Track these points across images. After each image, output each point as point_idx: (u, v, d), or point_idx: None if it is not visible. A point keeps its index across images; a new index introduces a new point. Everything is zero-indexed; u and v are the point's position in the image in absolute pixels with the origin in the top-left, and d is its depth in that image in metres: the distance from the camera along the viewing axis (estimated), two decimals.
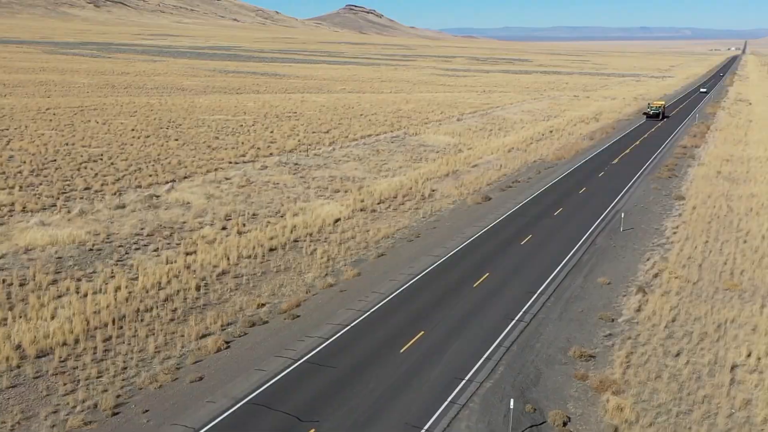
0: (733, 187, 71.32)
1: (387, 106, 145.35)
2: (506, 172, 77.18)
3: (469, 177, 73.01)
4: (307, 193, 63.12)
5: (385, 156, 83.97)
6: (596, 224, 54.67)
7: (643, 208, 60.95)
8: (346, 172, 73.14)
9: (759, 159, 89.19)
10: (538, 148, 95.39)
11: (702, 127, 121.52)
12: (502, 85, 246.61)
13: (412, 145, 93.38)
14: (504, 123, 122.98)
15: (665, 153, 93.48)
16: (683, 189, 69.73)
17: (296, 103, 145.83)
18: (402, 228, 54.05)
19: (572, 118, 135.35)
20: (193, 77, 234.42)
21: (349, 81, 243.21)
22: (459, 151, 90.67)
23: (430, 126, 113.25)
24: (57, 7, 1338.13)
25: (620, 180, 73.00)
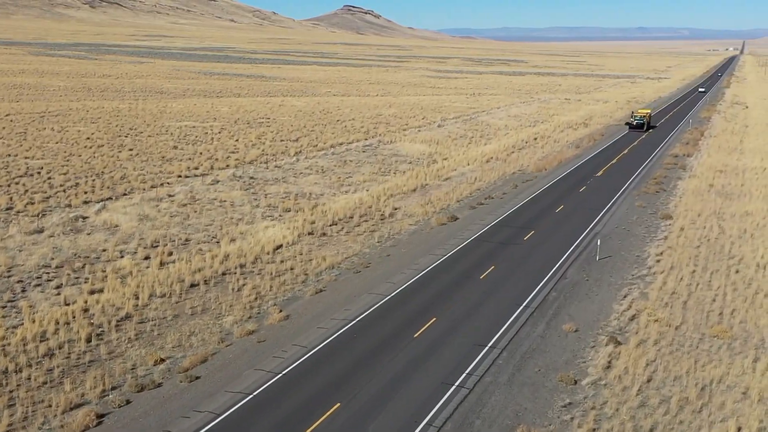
0: (726, 203, 65.30)
1: (368, 110, 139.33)
2: (480, 186, 71.08)
3: (438, 192, 66.93)
4: (253, 214, 56.98)
5: (351, 168, 77.89)
6: (570, 252, 48.57)
7: (625, 230, 54.84)
8: (304, 188, 67.04)
9: (755, 170, 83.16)
10: (519, 158, 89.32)
11: (695, 134, 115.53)
12: (493, 87, 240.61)
13: (384, 155, 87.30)
14: (487, 129, 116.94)
15: (654, 163, 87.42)
16: (671, 206, 63.67)
17: (273, 107, 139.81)
18: (351, 256, 47.96)
19: (560, 123, 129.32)
20: (176, 79, 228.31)
21: (337, 83, 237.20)
22: (433, 161, 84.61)
23: (408, 133, 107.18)
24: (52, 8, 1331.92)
25: (602, 196, 66.91)
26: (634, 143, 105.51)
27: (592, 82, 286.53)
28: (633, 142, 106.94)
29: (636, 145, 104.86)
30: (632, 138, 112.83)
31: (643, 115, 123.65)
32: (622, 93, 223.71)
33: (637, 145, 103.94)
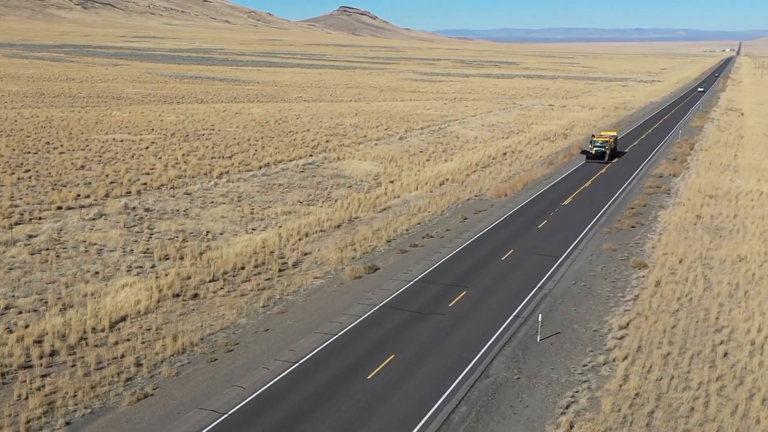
0: (715, 243, 53.69)
1: (330, 119, 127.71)
2: (422, 219, 59.39)
3: (366, 229, 55.22)
4: (118, 264, 45.22)
5: (275, 195, 66.17)
6: (504, 327, 36.85)
7: (584, 288, 43.15)
8: (205, 224, 55.34)
9: (750, 195, 71.54)
10: (481, 179, 77.68)
11: (685, 147, 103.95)
12: (477, 91, 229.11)
13: (323, 177, 75.64)
14: (454, 142, 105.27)
15: (634, 186, 75.74)
16: (647, 249, 52.02)
17: (227, 116, 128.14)
18: (218, 331, 36.31)
19: (538, 134, 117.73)
20: (143, 83, 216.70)
21: (312, 87, 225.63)
22: (377, 185, 72.93)
23: (362, 147, 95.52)
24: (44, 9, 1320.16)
25: (564, 235, 55.20)
26: (614, 160, 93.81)
27: (581, 85, 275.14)
28: (612, 159, 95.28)
29: (616, 163, 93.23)
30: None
31: (604, 141, 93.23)
32: (612, 98, 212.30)
33: (616, 164, 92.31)
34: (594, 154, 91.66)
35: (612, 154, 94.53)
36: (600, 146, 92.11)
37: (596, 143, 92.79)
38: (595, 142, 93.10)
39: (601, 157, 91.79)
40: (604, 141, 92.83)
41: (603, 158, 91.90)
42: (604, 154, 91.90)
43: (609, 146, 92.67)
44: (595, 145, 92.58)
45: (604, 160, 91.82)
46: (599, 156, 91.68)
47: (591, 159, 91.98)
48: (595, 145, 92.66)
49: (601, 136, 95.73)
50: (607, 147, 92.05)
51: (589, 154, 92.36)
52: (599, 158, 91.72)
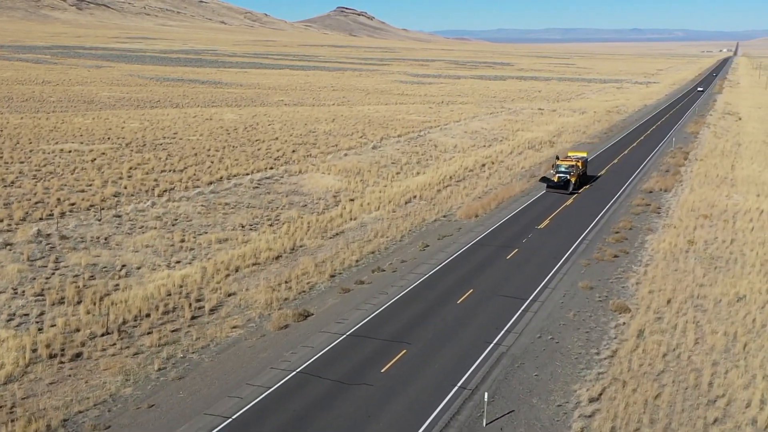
0: (709, 276, 46.62)
1: (304, 125, 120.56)
2: (377, 247, 52.25)
3: (309, 261, 48.05)
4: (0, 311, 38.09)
5: (217, 217, 58.99)
6: (441, 408, 29.62)
7: (551, 342, 36.03)
8: (123, 255, 48.16)
9: (749, 214, 64.47)
10: (453, 196, 70.56)
11: (678, 157, 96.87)
12: (466, 94, 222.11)
13: (279, 194, 68.48)
14: (431, 151, 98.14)
15: (621, 204, 68.60)
16: (631, 285, 44.94)
17: (196, 122, 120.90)
18: (90, 407, 29.14)
19: (522, 141, 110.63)
20: (121, 86, 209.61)
21: (296, 90, 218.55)
22: (335, 203, 65.76)
23: (330, 158, 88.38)
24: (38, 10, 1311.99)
25: (536, 268, 48.03)
26: (601, 172, 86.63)
27: (575, 87, 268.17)
28: (599, 171, 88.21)
29: (603, 174, 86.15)
30: (601, 161, 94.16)
31: (570, 165, 75.46)
32: (605, 101, 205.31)
33: (603, 176, 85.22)
34: (556, 182, 73.58)
35: (580, 181, 76.30)
36: (564, 172, 74.23)
37: (560, 168, 74.82)
38: (559, 166, 75.10)
39: (564, 187, 73.15)
40: (569, 165, 75.11)
41: (567, 188, 73.11)
42: (568, 183, 73.32)
43: (575, 172, 74.62)
44: (558, 170, 74.67)
45: (568, 190, 72.98)
46: (562, 185, 73.29)
47: (552, 188, 73.77)
48: (558, 170, 74.76)
49: (567, 159, 77.76)
50: (572, 173, 74.13)
51: (550, 183, 74.02)
52: (562, 188, 73.25)
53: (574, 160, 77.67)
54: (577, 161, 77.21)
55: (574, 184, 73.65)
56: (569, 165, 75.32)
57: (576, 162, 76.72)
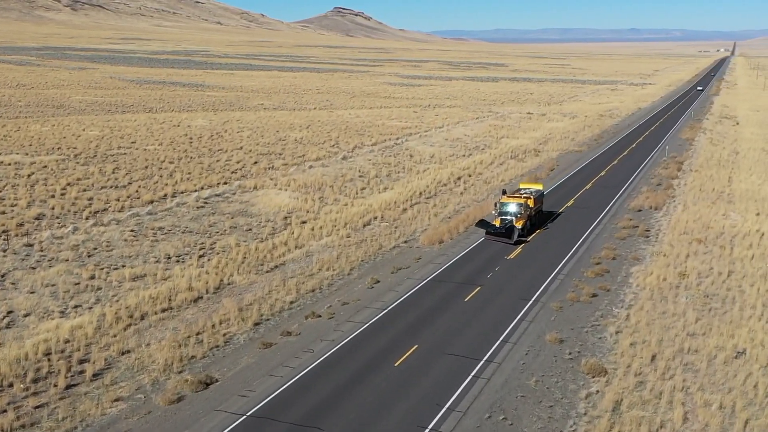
0: (703, 322, 39.55)
1: (276, 132, 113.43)
2: (319, 284, 45.05)
3: (233, 304, 40.83)
4: None
5: (144, 245, 51.79)
6: None
7: (502, 425, 28.85)
8: (15, 298, 40.81)
9: (748, 238, 57.38)
10: (419, 216, 63.41)
11: (672, 167, 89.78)
12: (455, 96, 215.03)
13: (224, 215, 61.31)
14: (405, 162, 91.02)
15: (605, 227, 61.42)
16: (608, 335, 37.83)
17: (163, 128, 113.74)
18: None
19: (506, 150, 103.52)
20: (98, 90, 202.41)
21: (280, 93, 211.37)
22: (284, 227, 58.54)
23: (293, 171, 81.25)
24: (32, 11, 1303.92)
25: (497, 314, 40.70)
26: (586, 187, 79.33)
27: (568, 89, 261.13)
28: (585, 185, 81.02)
29: (588, 189, 78.98)
30: (588, 176, 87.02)
31: (518, 205, 57.38)
32: (598, 103, 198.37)
33: (589, 191, 78.05)
34: (497, 227, 55.32)
35: (533, 223, 59.01)
36: (509, 213, 56.98)
37: (504, 208, 57.32)
38: (503, 205, 57.50)
39: (506, 234, 54.49)
40: (517, 205, 57.17)
41: (510, 236, 54.39)
42: (512, 230, 54.62)
43: (524, 213, 57.03)
44: (502, 210, 57.25)
45: (512, 239, 54.29)
46: (504, 232, 54.66)
47: (493, 235, 55.38)
48: (501, 210, 57.30)
49: (515, 196, 59.42)
50: (520, 215, 56.74)
51: (488, 228, 55.52)
52: (504, 236, 54.65)
53: (525, 196, 59.68)
54: (528, 198, 59.20)
55: (520, 229, 55.76)
56: (517, 204, 57.37)
57: (524, 199, 58.56)
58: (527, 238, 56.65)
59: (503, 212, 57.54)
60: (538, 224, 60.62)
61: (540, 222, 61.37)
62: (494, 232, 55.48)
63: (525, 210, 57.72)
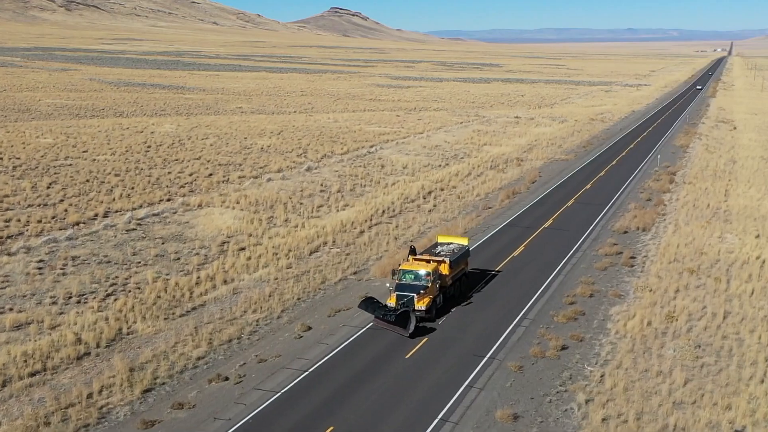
0: (693, 386, 32.48)
1: (243, 139, 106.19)
2: (239, 331, 37.81)
3: (124, 363, 33.72)
4: None
5: (46, 281, 44.51)
6: None
7: None
8: None
9: (747, 266, 50.31)
10: (376, 240, 56.21)
11: (663, 179, 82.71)
12: (443, 99, 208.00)
13: (156, 239, 54.10)
14: (375, 174, 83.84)
15: (584, 254, 54.22)
16: (576, 408, 30.63)
17: (125, 135, 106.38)
18: None
19: (486, 159, 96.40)
20: (73, 92, 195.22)
21: (261, 96, 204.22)
22: (219, 254, 51.29)
23: (247, 184, 74.07)
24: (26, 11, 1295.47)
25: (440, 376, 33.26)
26: (568, 203, 71.90)
27: (561, 91, 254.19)
28: (568, 199, 73.85)
29: (568, 208, 71.78)
30: (574, 186, 79.86)
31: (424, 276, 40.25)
32: (591, 106, 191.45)
33: (568, 212, 70.80)
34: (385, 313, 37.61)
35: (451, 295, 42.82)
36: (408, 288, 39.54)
37: (404, 277, 40.52)
38: (403, 275, 40.64)
39: (399, 323, 37.17)
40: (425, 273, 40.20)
41: (404, 324, 37.20)
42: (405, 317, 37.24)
43: (433, 285, 40.16)
44: (401, 281, 40.42)
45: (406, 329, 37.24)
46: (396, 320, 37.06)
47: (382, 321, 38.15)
48: (400, 280, 40.50)
49: (421, 259, 42.37)
50: (425, 289, 39.54)
51: (378, 311, 38.01)
52: (396, 324, 37.30)
53: (438, 259, 42.38)
54: (442, 262, 42.10)
55: (425, 311, 38.96)
56: (424, 273, 40.24)
57: (439, 264, 41.78)
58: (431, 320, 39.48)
59: (402, 285, 39.98)
60: (460, 294, 43.91)
61: (463, 290, 44.54)
62: (382, 317, 37.50)
63: (435, 280, 40.50)
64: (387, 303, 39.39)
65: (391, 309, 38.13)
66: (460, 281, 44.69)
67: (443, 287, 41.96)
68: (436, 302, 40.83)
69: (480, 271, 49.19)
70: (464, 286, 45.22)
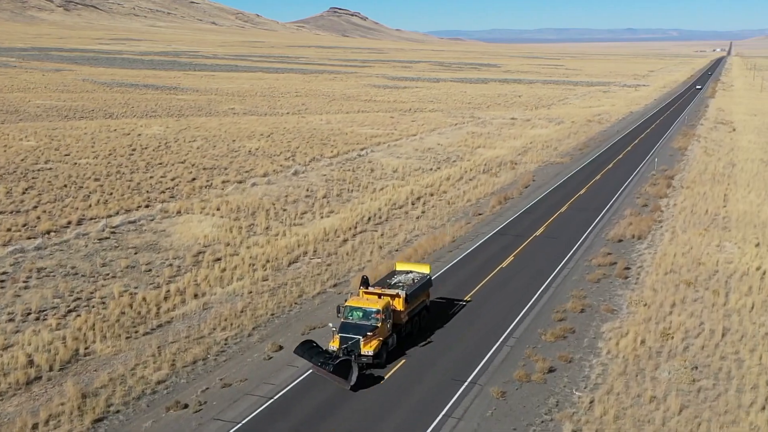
0: (689, 413, 30.07)
1: (232, 141, 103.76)
2: (205, 351, 35.28)
3: (76, 389, 31.33)
4: None
5: (6, 295, 42.24)
6: None
7: None
8: None
9: (747, 278, 47.96)
10: (359, 249, 53.80)
11: (661, 184, 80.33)
12: (439, 100, 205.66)
13: (129, 249, 51.63)
14: (363, 178, 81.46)
15: (576, 264, 51.75)
16: None
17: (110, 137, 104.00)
18: None
19: (479, 163, 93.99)
20: (65, 93, 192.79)
21: (255, 96, 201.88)
22: (193, 265, 48.82)
23: (230, 189, 71.65)
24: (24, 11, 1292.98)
25: (417, 405, 30.54)
26: (561, 209, 69.42)
27: (559, 91, 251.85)
28: (556, 211, 71.49)
29: (561, 214, 69.41)
30: (566, 193, 77.49)
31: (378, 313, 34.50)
32: (588, 107, 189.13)
33: (561, 218, 68.41)
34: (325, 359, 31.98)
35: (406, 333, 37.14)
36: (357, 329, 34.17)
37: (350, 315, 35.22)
38: (349, 312, 35.29)
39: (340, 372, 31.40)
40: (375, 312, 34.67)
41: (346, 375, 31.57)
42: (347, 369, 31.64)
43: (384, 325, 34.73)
44: (347, 320, 35.18)
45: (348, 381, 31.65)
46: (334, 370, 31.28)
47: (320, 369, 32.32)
48: (346, 319, 35.28)
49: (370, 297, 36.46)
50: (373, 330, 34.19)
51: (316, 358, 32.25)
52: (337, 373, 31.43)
53: (391, 294, 36.44)
54: (395, 298, 36.22)
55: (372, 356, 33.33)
56: (374, 311, 34.50)
57: (392, 300, 36.09)
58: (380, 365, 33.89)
59: (348, 325, 34.39)
60: (420, 330, 38.16)
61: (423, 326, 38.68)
62: (321, 365, 31.70)
63: (387, 319, 34.85)
64: (329, 346, 33.75)
65: (331, 355, 32.51)
66: (419, 316, 38.53)
67: (397, 325, 36.22)
68: (388, 344, 35.00)
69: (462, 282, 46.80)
70: (425, 321, 39.18)
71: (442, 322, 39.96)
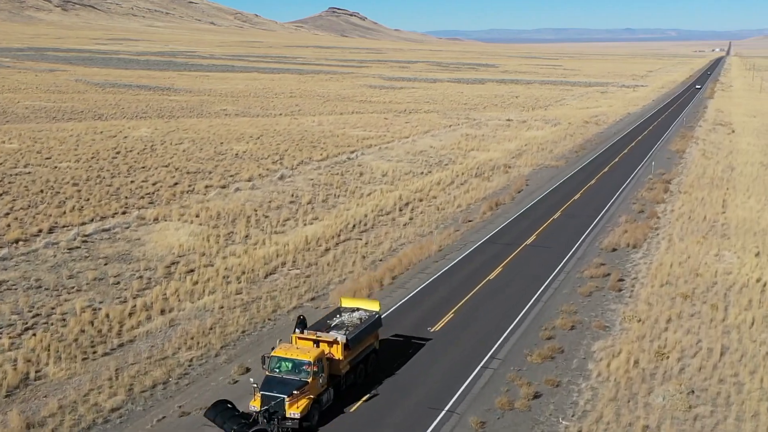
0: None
1: (219, 144, 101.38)
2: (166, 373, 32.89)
3: (20, 420, 29.01)
4: None
5: None
6: None
7: None
8: None
9: (746, 290, 45.57)
10: (341, 259, 51.42)
11: (658, 188, 77.94)
12: (435, 100, 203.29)
13: (99, 260, 49.19)
14: (352, 182, 79.04)
15: (568, 276, 49.41)
16: None
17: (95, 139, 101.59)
18: None
19: (472, 166, 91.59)
20: (56, 94, 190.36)
21: (249, 97, 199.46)
22: (164, 276, 46.40)
23: (212, 194, 69.25)
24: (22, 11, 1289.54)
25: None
26: (554, 216, 66.96)
27: (557, 92, 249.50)
28: (549, 218, 69.04)
29: (554, 221, 66.96)
30: (559, 200, 75.10)
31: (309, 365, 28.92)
32: (585, 108, 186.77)
33: (554, 225, 65.94)
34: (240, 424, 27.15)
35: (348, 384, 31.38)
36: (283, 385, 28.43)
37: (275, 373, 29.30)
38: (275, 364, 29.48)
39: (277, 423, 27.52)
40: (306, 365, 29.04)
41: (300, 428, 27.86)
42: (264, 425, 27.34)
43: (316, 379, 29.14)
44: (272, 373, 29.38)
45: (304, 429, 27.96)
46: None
47: None
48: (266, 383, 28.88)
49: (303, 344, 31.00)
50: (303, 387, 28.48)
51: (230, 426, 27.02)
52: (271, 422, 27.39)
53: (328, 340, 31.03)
54: (333, 345, 30.88)
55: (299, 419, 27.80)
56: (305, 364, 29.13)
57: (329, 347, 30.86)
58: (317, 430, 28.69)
59: (272, 380, 29.03)
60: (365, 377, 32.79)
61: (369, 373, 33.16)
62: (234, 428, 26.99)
63: (320, 372, 29.55)
64: (250, 406, 28.25)
65: (248, 419, 27.20)
66: (365, 362, 32.64)
67: (336, 377, 30.49)
68: (321, 403, 29.24)
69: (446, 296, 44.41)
70: (371, 367, 33.18)
71: (419, 343, 37.55)
